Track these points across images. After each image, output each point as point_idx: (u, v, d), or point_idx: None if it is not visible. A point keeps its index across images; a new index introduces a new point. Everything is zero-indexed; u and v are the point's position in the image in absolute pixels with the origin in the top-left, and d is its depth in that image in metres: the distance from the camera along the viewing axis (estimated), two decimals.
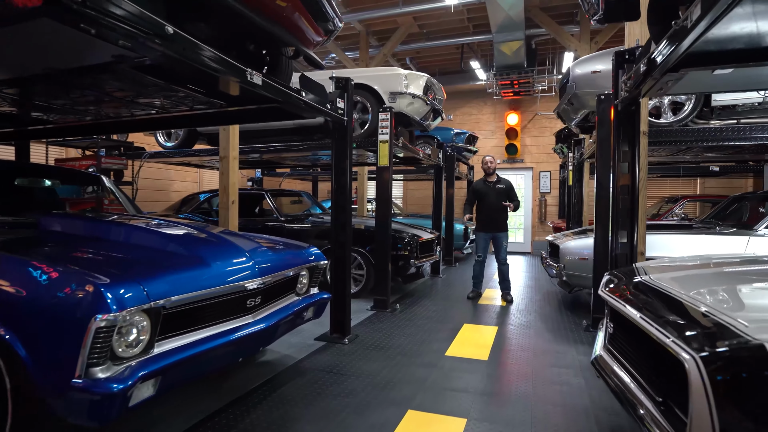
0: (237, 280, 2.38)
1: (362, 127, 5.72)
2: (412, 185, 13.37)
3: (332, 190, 3.98)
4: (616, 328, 1.86)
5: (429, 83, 6.03)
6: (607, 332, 2.01)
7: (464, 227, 9.75)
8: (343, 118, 3.86)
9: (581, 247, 5.05)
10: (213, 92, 3.01)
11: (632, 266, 2.50)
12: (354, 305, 5.12)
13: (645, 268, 2.25)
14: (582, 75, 4.94)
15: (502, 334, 4.28)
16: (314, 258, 3.29)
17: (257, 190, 6.93)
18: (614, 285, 1.99)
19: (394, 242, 5.57)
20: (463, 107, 12.62)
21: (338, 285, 3.96)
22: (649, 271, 2.12)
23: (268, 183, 11.72)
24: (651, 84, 2.60)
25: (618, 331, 1.83)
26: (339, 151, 3.95)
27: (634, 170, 3.22)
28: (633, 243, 3.23)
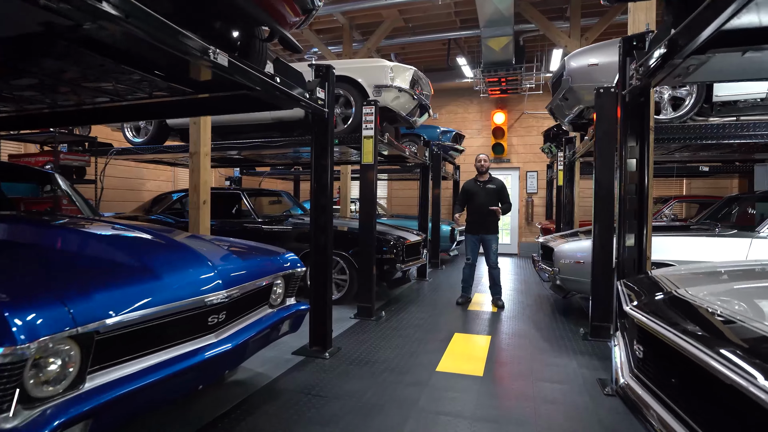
0: (195, 294, 2.00)
1: (345, 123, 5.37)
2: (397, 185, 13.05)
3: (312, 190, 3.62)
4: (649, 353, 1.55)
5: (416, 77, 5.71)
6: (634, 355, 1.70)
7: (451, 228, 9.47)
8: (324, 109, 3.51)
9: (577, 250, 4.79)
10: (174, 76, 2.63)
11: (650, 275, 2.21)
12: (336, 313, 4.78)
13: (670, 279, 1.95)
14: (578, 68, 4.67)
15: (496, 344, 3.98)
16: (290, 265, 2.93)
17: (233, 190, 6.51)
18: (643, 301, 1.68)
19: (379, 245, 5.24)
20: (449, 105, 12.35)
21: (318, 294, 3.60)
22: (678, 282, 1.82)
23: (248, 182, 11.27)
24: (669, 70, 2.31)
25: (654, 357, 1.52)
26: (319, 146, 3.59)
27: (643, 168, 2.95)
28: (642, 247, 2.95)
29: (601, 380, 3.13)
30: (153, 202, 6.85)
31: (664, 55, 2.22)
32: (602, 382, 3.09)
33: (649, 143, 2.94)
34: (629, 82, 2.90)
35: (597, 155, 4.13)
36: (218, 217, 6.14)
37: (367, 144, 4.72)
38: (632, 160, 3.00)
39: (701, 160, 7.60)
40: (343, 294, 5.40)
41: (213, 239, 3.19)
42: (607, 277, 4.15)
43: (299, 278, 3.07)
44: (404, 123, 6.06)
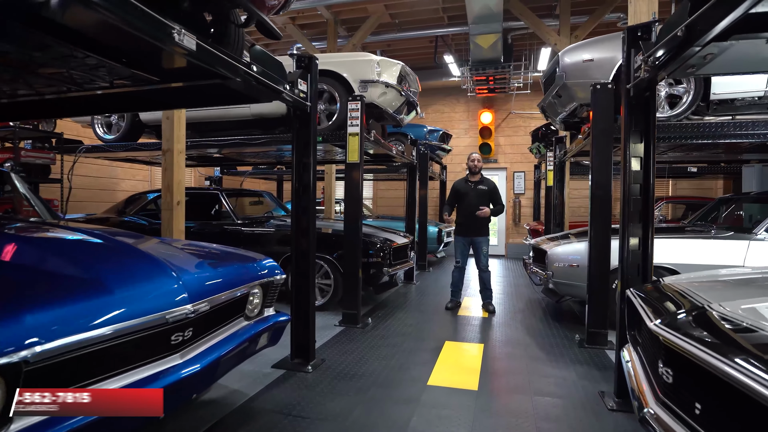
0: (155, 310, 1.73)
1: (329, 120, 5.11)
2: (383, 185, 12.81)
3: (293, 190, 3.36)
4: (686, 381, 1.33)
5: (403, 72, 5.48)
6: (660, 380, 1.48)
7: (438, 229, 9.26)
8: (306, 103, 3.25)
9: (571, 253, 4.61)
10: (137, 62, 2.35)
11: (667, 284, 2.00)
12: (319, 320, 4.52)
13: (694, 290, 1.74)
14: (572, 64, 4.49)
15: (490, 354, 3.76)
16: (268, 272, 2.66)
17: (210, 190, 6.20)
18: (671, 318, 1.47)
19: (365, 248, 4.99)
20: (436, 104, 12.16)
21: (300, 302, 3.34)
22: (705, 294, 1.61)
23: (229, 183, 10.91)
24: (684, 60, 2.12)
25: (693, 386, 1.30)
26: (301, 142, 3.33)
27: (648, 167, 2.76)
28: (647, 251, 2.77)
29: (602, 393, 2.93)
30: (126, 202, 6.49)
31: (681, 43, 2.02)
32: (604, 396, 2.89)
33: (653, 140, 2.75)
34: (634, 75, 2.71)
35: (593, 154, 3.95)
36: (196, 218, 5.83)
37: (353, 142, 4.47)
38: (636, 159, 2.81)
39: (691, 161, 7.53)
40: (327, 300, 5.13)
41: (184, 244, 2.91)
42: (603, 282, 3.98)
43: (278, 287, 2.80)
44: (391, 120, 5.82)
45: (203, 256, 2.61)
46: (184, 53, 2.06)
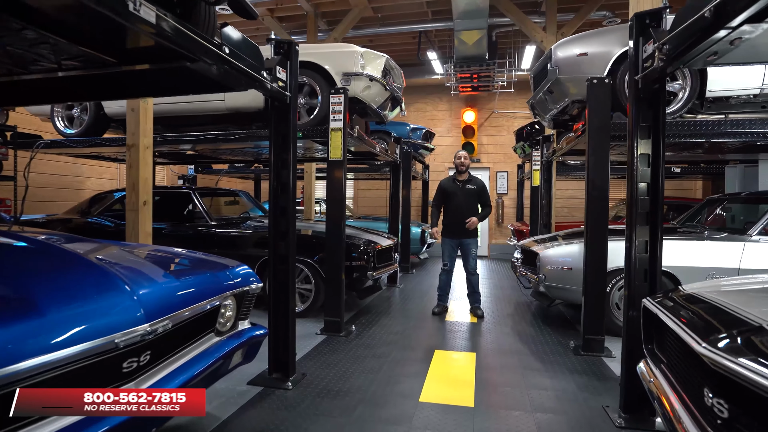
0: (100, 334, 1.43)
1: (310, 115, 4.81)
2: (364, 185, 12.53)
3: (271, 189, 3.06)
4: (747, 418, 1.10)
5: (388, 66, 5.22)
6: (709, 412, 1.25)
7: (421, 230, 9.04)
8: (286, 93, 2.95)
9: (564, 256, 4.42)
10: (86, 38, 2.02)
11: (696, 295, 1.79)
12: (299, 328, 4.22)
13: (735, 303, 1.52)
14: (566, 58, 4.30)
15: (483, 364, 3.53)
16: (242, 280, 2.37)
17: (182, 189, 5.82)
18: (725, 341, 1.23)
19: (348, 250, 4.71)
20: (418, 103, 11.94)
21: (279, 312, 3.04)
22: (758, 311, 1.39)
23: (204, 182, 10.48)
24: (708, 45, 1.91)
25: (756, 426, 1.07)
26: (280, 137, 3.03)
27: (657, 165, 2.57)
28: (656, 255, 2.57)
29: (607, 408, 2.73)
30: (91, 202, 6.06)
31: (707, 26, 1.81)
32: (610, 411, 2.68)
33: (663, 137, 2.55)
34: (644, 66, 2.50)
35: (589, 152, 3.76)
36: (167, 219, 5.46)
37: (335, 137, 4.19)
38: (644, 156, 2.61)
39: (675, 161, 7.49)
40: (307, 306, 4.83)
41: (147, 250, 2.58)
42: (600, 286, 3.80)
43: (254, 297, 2.51)
44: (375, 117, 5.55)
45: (167, 264, 2.29)
46: (143, 28, 1.75)
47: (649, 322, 2.03)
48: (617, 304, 4.23)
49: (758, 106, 4.38)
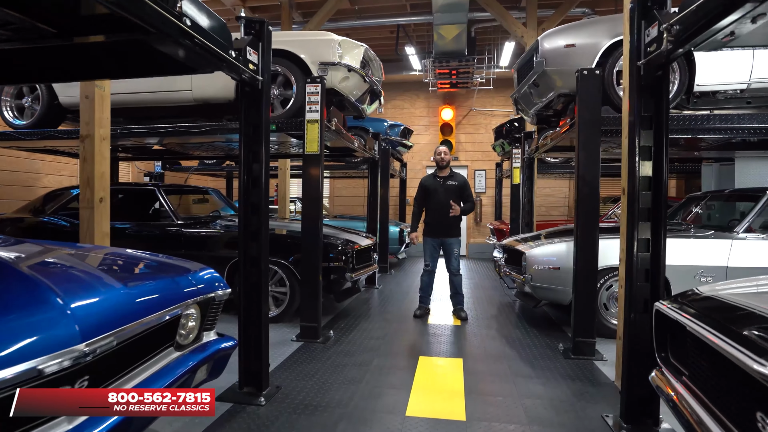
0: (22, 359, 1.13)
1: (284, 107, 4.51)
2: (340, 183, 12.23)
3: (241, 184, 2.77)
4: None
5: (367, 57, 4.97)
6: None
7: (399, 229, 8.81)
8: (258, 77, 2.67)
9: (551, 255, 4.26)
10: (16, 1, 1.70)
11: (723, 299, 1.60)
12: (274, 334, 3.94)
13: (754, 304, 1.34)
14: (553, 49, 4.14)
15: (471, 370, 3.31)
16: (206, 286, 2.08)
17: (146, 185, 5.43)
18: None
19: (325, 251, 4.44)
20: (395, 100, 11.72)
21: (250, 321, 2.75)
22: None
23: (172, 179, 9.99)
24: (731, 22, 1.74)
25: None
26: (251, 126, 2.74)
27: (659, 159, 2.40)
28: (659, 254, 2.41)
29: (607, 417, 2.55)
30: (45, 199, 5.60)
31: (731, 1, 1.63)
32: (610, 420, 2.51)
33: (666, 127, 2.38)
34: (646, 51, 2.33)
35: (579, 147, 3.59)
36: (130, 218, 5.07)
37: (312, 130, 3.91)
38: (645, 149, 2.44)
39: None
40: (282, 310, 4.54)
41: (95, 254, 2.27)
42: (591, 287, 3.64)
43: (221, 304, 2.22)
44: (353, 110, 5.29)
45: (117, 270, 1.99)
46: None
47: (662, 328, 1.84)
48: (605, 304, 4.10)
49: (743, 101, 4.32)
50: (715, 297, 1.64)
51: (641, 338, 2.46)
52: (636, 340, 2.47)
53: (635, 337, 2.47)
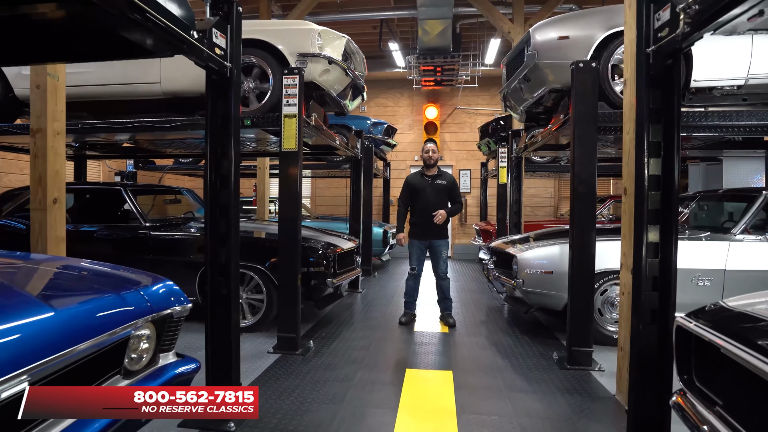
0: None
1: (260, 101, 4.21)
2: (321, 183, 11.92)
3: (207, 183, 2.47)
4: None
5: (349, 49, 4.70)
6: None
7: (383, 231, 8.56)
8: (225, 63, 2.38)
9: (544, 258, 4.06)
10: None
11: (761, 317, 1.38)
12: (249, 345, 3.68)
13: None
14: (545, 42, 3.93)
15: (462, 384, 3.07)
16: (162, 301, 1.79)
17: (111, 185, 5.06)
18: None
19: (305, 255, 4.15)
20: (378, 97, 11.46)
21: (218, 337, 2.45)
22: None
23: (146, 179, 9.56)
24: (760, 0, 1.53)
25: None
26: (219, 117, 2.45)
27: (671, 155, 2.20)
28: (669, 260, 2.20)
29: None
30: (1, 200, 5.18)
31: None
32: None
33: (678, 121, 2.17)
34: (657, 36, 2.11)
35: (575, 143, 3.39)
36: (94, 220, 4.72)
37: (289, 125, 3.62)
38: (654, 145, 2.23)
39: None
40: (258, 318, 4.24)
41: (29, 264, 1.96)
42: (587, 293, 3.43)
43: (181, 321, 1.93)
44: (334, 106, 5.01)
45: (49, 288, 1.69)
46: None
47: (685, 347, 1.62)
48: (600, 309, 3.91)
49: (739, 98, 4.17)
50: (751, 314, 1.42)
51: (648, 352, 2.25)
52: (643, 355, 2.26)
53: (643, 352, 2.26)
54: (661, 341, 2.23)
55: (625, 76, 2.88)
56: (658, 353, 2.22)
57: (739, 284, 3.87)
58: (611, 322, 3.95)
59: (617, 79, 3.88)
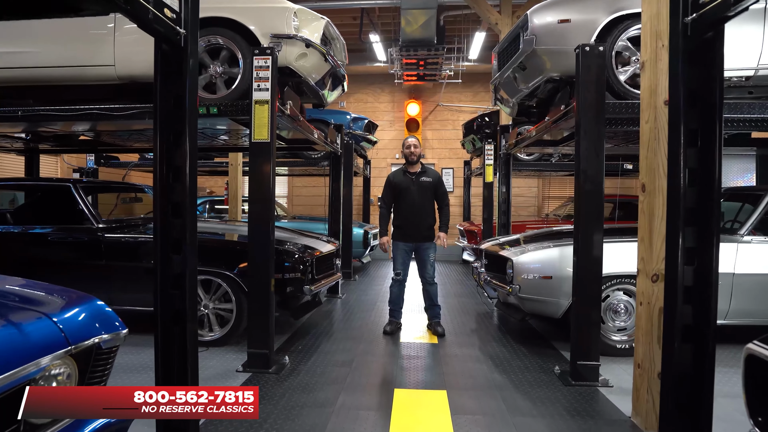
0: None
1: (229, 87, 3.77)
2: (299, 182, 11.42)
3: (157, 177, 2.03)
4: None
5: (328, 33, 4.29)
6: None
7: (363, 231, 8.15)
8: (178, 29, 1.94)
9: (542, 262, 3.73)
10: None
11: None
12: (216, 362, 3.27)
13: None
14: (545, 26, 3.60)
15: (459, 407, 2.70)
16: (82, 330, 1.36)
17: (57, 181, 4.52)
18: None
19: (280, 259, 3.73)
20: (358, 93, 11.03)
21: (171, 368, 2.01)
22: None
23: (109, 176, 8.91)
24: None
25: None
26: (171, 97, 2.01)
27: (712, 145, 1.87)
28: (710, 268, 1.88)
29: None
30: None
31: None
32: None
33: (720, 105, 1.84)
34: (699, 1, 1.77)
35: (581, 135, 3.05)
36: (36, 221, 4.19)
37: (260, 112, 3.19)
38: (691, 133, 1.89)
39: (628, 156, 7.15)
40: (227, 331, 3.79)
41: None
42: (594, 299, 3.11)
43: (113, 351, 1.50)
44: (312, 95, 4.60)
45: None
46: None
47: (762, 381, 1.28)
48: (601, 317, 3.60)
49: (745, 91, 3.92)
50: None
51: (678, 376, 1.92)
52: (677, 381, 1.93)
53: (677, 375, 1.92)
54: (697, 364, 1.89)
55: (642, 58, 2.56)
56: (694, 378, 1.89)
57: (749, 290, 3.62)
58: (614, 330, 3.65)
59: (621, 68, 3.59)
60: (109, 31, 3.86)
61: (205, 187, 11.57)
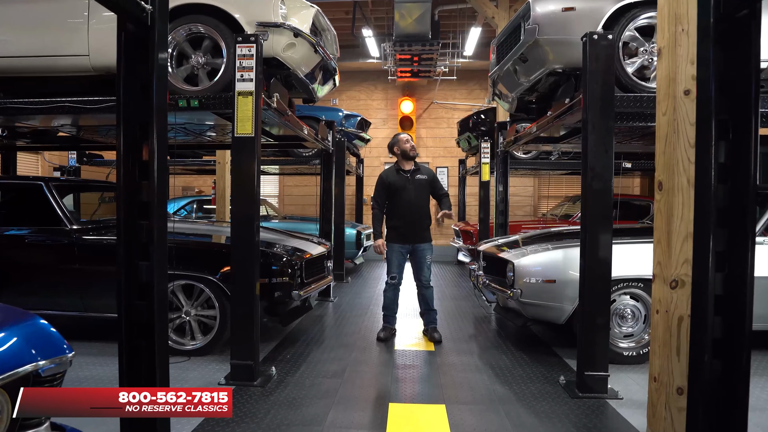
0: None
1: (211, 79, 3.53)
2: (290, 181, 11.17)
3: (120, 175, 1.79)
4: None
5: (319, 23, 4.07)
6: None
7: (356, 232, 7.92)
8: (144, 5, 1.70)
9: (546, 265, 3.53)
10: None
11: None
12: (196, 374, 3.06)
13: None
14: (548, 14, 3.39)
15: (459, 424, 2.48)
16: (15, 355, 1.13)
17: (28, 179, 4.25)
18: None
19: (267, 263, 3.50)
20: (350, 90, 10.80)
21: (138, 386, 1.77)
22: None
23: (92, 174, 8.62)
24: None
25: None
26: (137, 82, 1.78)
27: (747, 136, 1.68)
28: (743, 273, 1.68)
29: None
30: None
31: None
32: None
33: (757, 94, 1.64)
34: None
35: (589, 129, 2.85)
36: (17, 222, 3.94)
37: (244, 105, 2.95)
38: (722, 124, 1.69)
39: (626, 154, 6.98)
40: (210, 339, 3.55)
41: None
42: (602, 305, 2.91)
43: (58, 376, 1.27)
44: (301, 89, 4.36)
45: None
46: None
47: None
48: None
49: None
50: None
51: (708, 395, 1.72)
52: (704, 400, 1.72)
53: (706, 393, 1.72)
54: (726, 383, 1.69)
55: (659, 44, 2.35)
56: (727, 400, 1.69)
57: (762, 293, 3.44)
58: (620, 336, 3.46)
59: (627, 59, 3.39)
60: (84, 19, 3.63)
61: (193, 187, 11.28)
